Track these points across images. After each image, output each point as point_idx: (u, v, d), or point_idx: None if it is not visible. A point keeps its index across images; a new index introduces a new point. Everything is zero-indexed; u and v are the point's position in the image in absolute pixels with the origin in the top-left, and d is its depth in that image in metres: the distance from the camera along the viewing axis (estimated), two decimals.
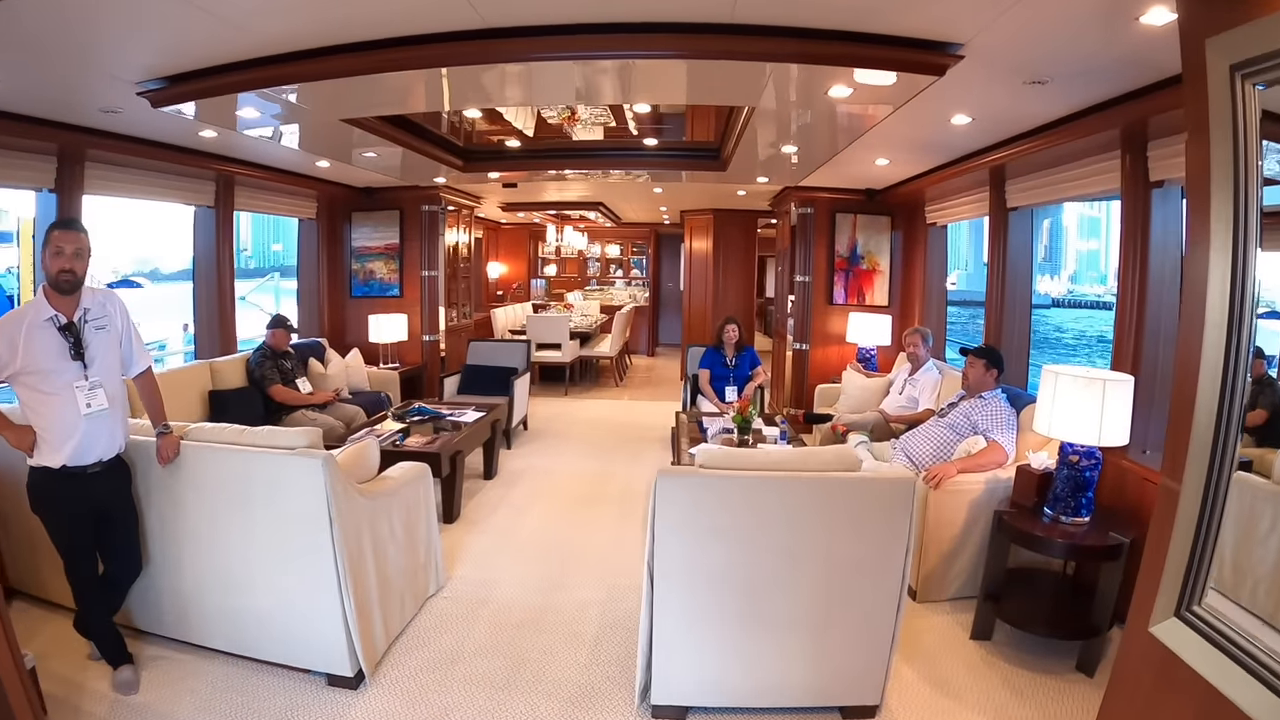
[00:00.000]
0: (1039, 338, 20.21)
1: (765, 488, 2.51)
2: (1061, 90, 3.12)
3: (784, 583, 2.56)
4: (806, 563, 2.54)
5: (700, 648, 2.64)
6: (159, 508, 3.02)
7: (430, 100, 3.89)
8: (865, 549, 2.54)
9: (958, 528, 3.57)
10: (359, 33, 2.88)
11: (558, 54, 2.81)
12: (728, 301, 10.22)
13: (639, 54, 2.81)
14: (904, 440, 4.29)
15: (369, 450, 3.41)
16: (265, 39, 2.95)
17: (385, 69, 2.99)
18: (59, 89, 3.52)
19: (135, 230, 10.42)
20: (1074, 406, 2.99)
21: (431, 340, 7.92)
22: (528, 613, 3.55)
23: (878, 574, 2.55)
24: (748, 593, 2.57)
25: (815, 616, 2.58)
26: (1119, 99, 3.12)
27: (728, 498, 2.52)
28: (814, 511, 2.52)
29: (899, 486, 2.51)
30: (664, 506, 2.52)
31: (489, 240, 13.52)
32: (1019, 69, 2.88)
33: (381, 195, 7.68)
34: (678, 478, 2.55)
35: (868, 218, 6.89)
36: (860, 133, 4.15)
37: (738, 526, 2.53)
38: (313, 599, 2.83)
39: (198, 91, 3.37)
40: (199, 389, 5.25)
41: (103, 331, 2.75)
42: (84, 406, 2.64)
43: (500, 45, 2.80)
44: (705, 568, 2.56)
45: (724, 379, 6.38)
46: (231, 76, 3.23)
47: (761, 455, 2.70)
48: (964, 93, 3.29)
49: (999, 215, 4.72)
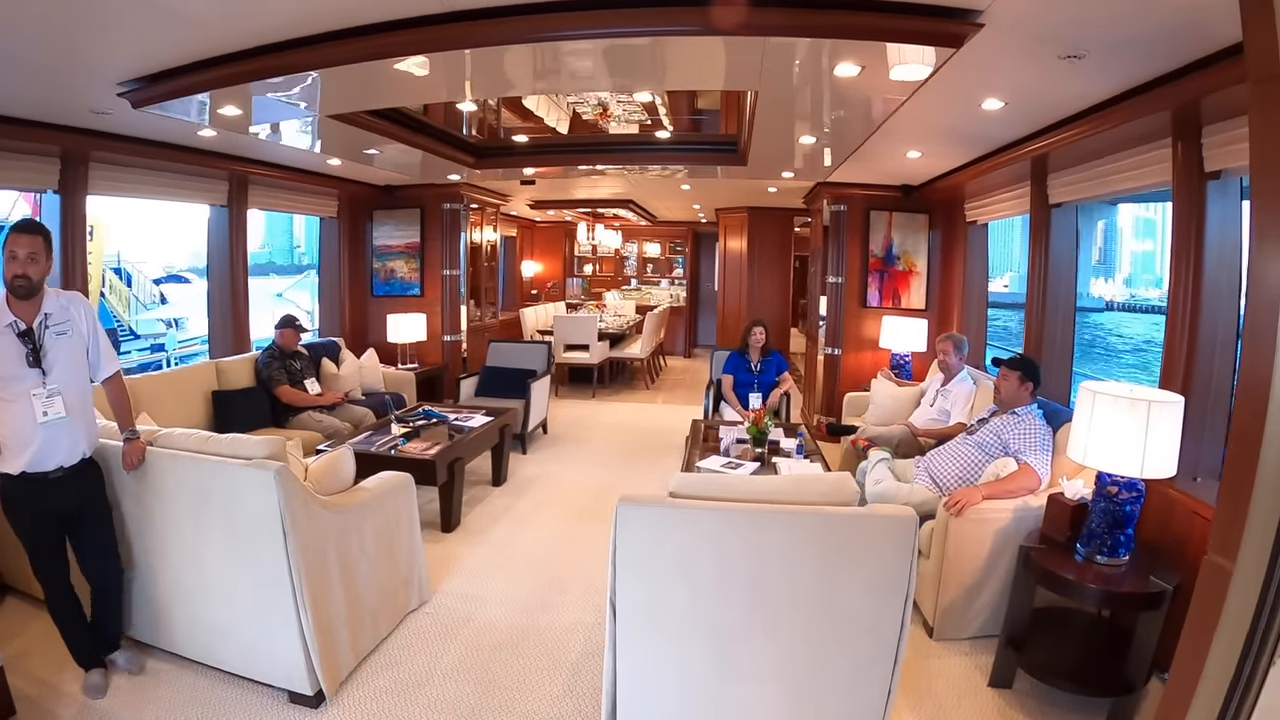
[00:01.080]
0: (1091, 345, 19.17)
1: (740, 522, 2.22)
2: (1100, 67, 2.73)
3: (760, 630, 2.26)
4: (787, 609, 2.24)
5: (666, 695, 2.36)
6: (131, 514, 2.96)
7: (403, 93, 3.73)
8: (858, 595, 2.22)
9: (981, 560, 3.20)
10: (319, 25, 2.76)
11: (523, 37, 2.56)
12: (762, 302, 9.87)
13: (616, 31, 2.53)
14: (929, 458, 3.92)
15: (342, 460, 3.26)
16: (235, 35, 2.88)
17: (341, 61, 2.83)
18: (48, 92, 3.56)
19: (188, 227, 10.73)
20: (1114, 432, 2.59)
21: (453, 340, 7.79)
22: (509, 634, 3.35)
23: (872, 622, 2.23)
24: (718, 639, 2.29)
25: (797, 668, 2.27)
26: (1167, 77, 2.71)
27: (697, 532, 2.24)
28: (798, 551, 2.22)
29: (898, 525, 2.19)
30: (625, 539, 2.26)
31: (523, 238, 13.39)
32: (1048, 40, 2.51)
33: (402, 193, 7.59)
34: (639, 508, 2.27)
35: (904, 215, 6.48)
36: (881, 120, 3.79)
37: (706, 565, 2.25)
38: (270, 614, 2.72)
39: (174, 90, 3.31)
40: (203, 390, 5.18)
41: (64, 337, 2.66)
42: (40, 415, 2.57)
43: (457, 30, 2.59)
44: (670, 609, 2.29)
45: (749, 385, 6.03)
46: (206, 74, 3.15)
47: (743, 484, 2.40)
48: (990, 71, 2.93)
49: (1041, 212, 4.30)
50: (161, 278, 14.07)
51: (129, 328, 12.96)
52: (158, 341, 12.93)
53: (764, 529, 2.21)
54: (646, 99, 6.01)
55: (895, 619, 2.22)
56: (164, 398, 4.78)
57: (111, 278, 12.65)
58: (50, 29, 2.68)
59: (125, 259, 13.38)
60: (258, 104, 3.79)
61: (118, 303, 12.79)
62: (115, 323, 12.49)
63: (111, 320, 12.37)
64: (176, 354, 12.38)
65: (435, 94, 3.78)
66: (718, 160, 5.74)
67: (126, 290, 13.17)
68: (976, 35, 2.44)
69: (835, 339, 6.78)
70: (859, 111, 3.76)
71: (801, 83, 3.25)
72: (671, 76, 3.34)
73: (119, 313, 12.78)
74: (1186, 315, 2.95)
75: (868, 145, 4.62)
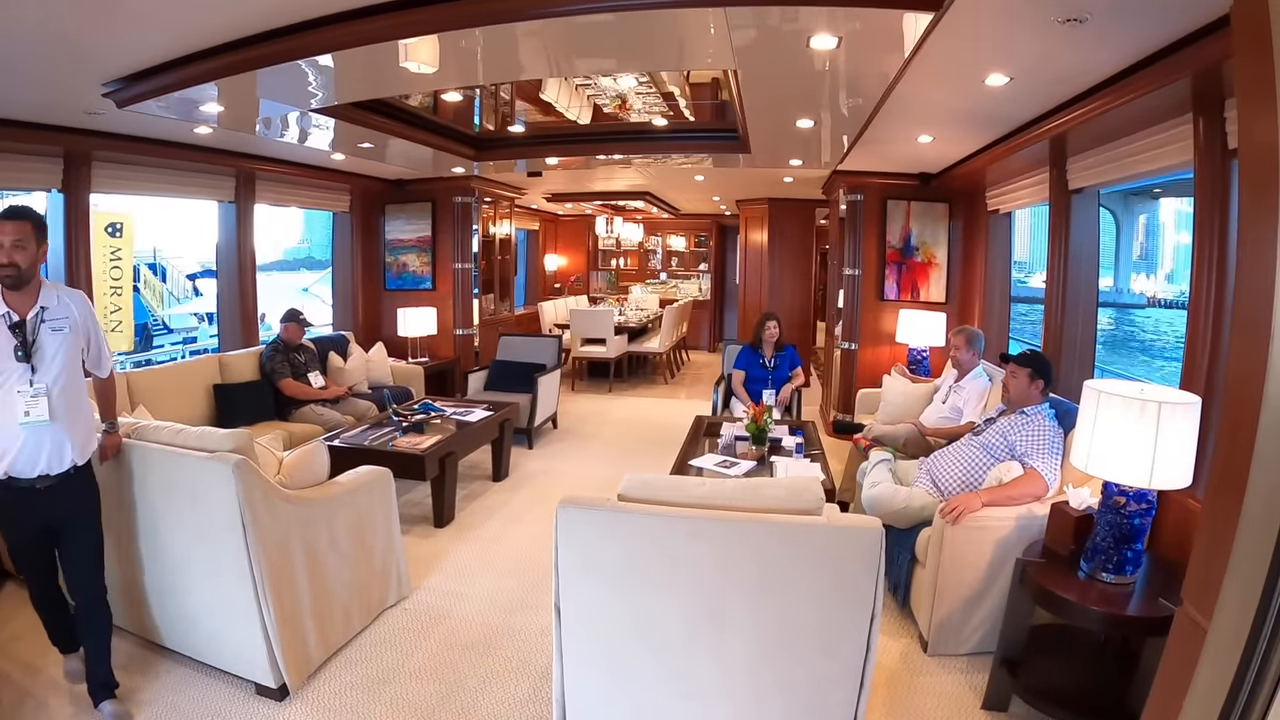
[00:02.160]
0: (1132, 343, 18.39)
1: (684, 529, 2.05)
2: (1107, 31, 2.47)
3: (708, 644, 2.09)
4: (736, 625, 2.07)
5: (614, 706, 2.21)
6: (109, 506, 2.89)
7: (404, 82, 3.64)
8: (815, 612, 2.04)
9: (980, 571, 2.97)
10: (276, 20, 2.74)
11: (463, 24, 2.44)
12: (784, 295, 9.63)
13: (573, 9, 2.37)
14: (931, 460, 3.68)
15: (316, 454, 3.21)
16: (203, 33, 2.89)
17: (293, 56, 2.78)
18: (43, 95, 3.66)
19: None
20: (1120, 435, 2.33)
21: (465, 334, 7.73)
22: (483, 633, 3.27)
23: (832, 642, 2.05)
24: (664, 653, 2.13)
25: (747, 689, 2.10)
26: (1184, 41, 2.44)
27: (640, 538, 2.08)
28: (747, 561, 2.04)
29: (860, 537, 2.00)
30: (566, 542, 2.12)
31: (546, 232, 13.29)
32: (1044, 1, 2.28)
33: (413, 187, 7.55)
34: (580, 510, 2.12)
35: (922, 205, 6.19)
36: (877, 99, 3.56)
37: (650, 573, 2.10)
38: (234, 606, 2.72)
39: (156, 89, 3.33)
40: (205, 384, 5.19)
41: (60, 333, 2.48)
42: (20, 414, 2.38)
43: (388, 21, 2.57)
44: (614, 618, 2.15)
45: (761, 380, 5.84)
46: (183, 70, 3.15)
47: (696, 488, 2.22)
48: (986, 41, 2.70)
49: (1060, 198, 4.01)
50: (195, 273, 14.34)
51: (162, 322, 13.20)
52: (190, 334, 13.15)
53: (709, 537, 2.04)
54: (666, 89, 5.86)
55: (859, 640, 2.03)
56: (165, 391, 4.81)
57: (145, 272, 12.87)
58: (41, 34, 2.75)
59: (161, 254, 13.63)
60: (235, 100, 3.80)
61: (152, 297, 13.02)
62: (149, 316, 12.71)
63: (146, 314, 12.57)
64: (208, 347, 12.58)
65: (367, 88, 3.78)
66: (721, 148, 5.53)
67: (161, 285, 13.42)
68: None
69: (851, 333, 6.53)
70: (851, 90, 3.53)
71: (778, 58, 3.04)
72: (635, 55, 3.16)
73: (153, 307, 13.00)
74: (1210, 309, 2.67)
75: (875, 129, 4.38)
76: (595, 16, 2.44)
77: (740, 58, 3.00)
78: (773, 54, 3.01)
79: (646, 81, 4.98)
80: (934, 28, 2.50)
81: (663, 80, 4.98)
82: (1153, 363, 15.94)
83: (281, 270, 19.83)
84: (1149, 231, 19.12)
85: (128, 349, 7.44)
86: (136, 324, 10.88)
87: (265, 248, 12.62)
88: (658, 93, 5.80)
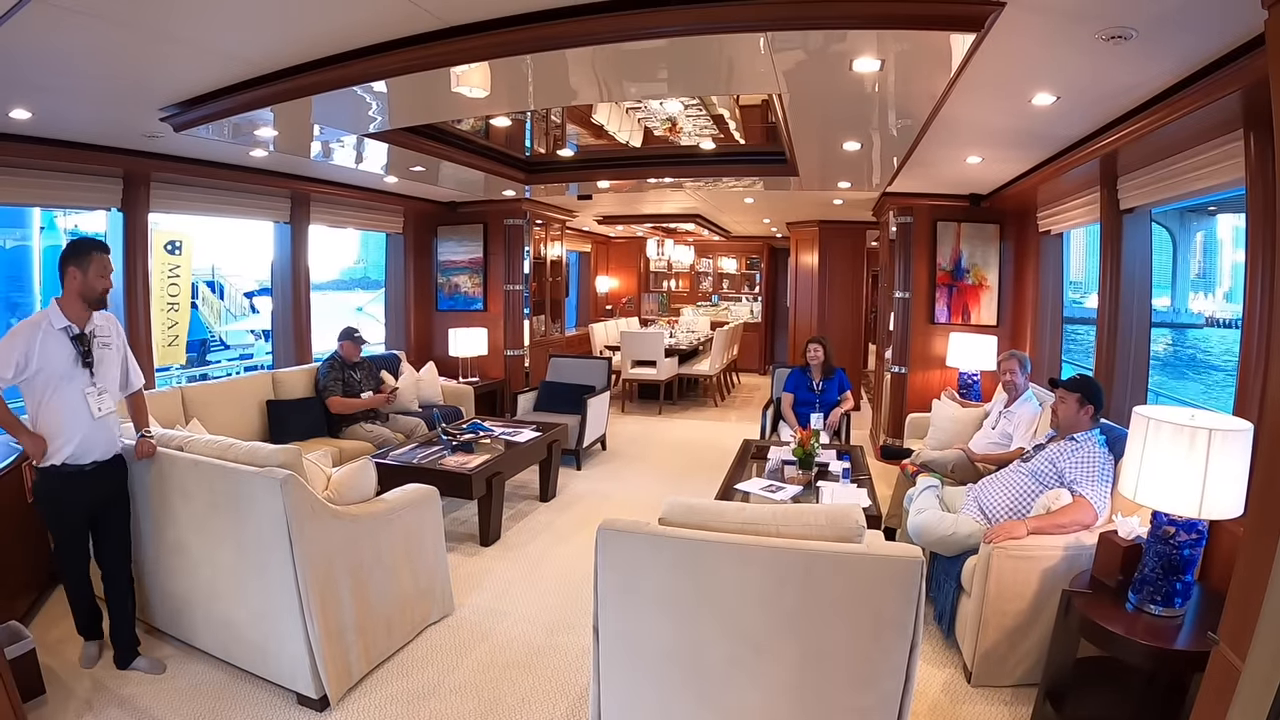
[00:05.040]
0: (1190, 364, 17.47)
1: (723, 555, 2.05)
2: (1153, 47, 2.43)
3: (746, 672, 2.08)
4: (774, 651, 2.05)
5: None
6: (154, 513, 3.13)
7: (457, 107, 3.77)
8: (855, 640, 2.01)
9: (1026, 601, 2.89)
10: (329, 48, 2.86)
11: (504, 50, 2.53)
12: (834, 318, 9.52)
13: (610, 35, 2.45)
14: (979, 487, 3.60)
15: (363, 471, 3.29)
16: (254, 62, 3.02)
17: (346, 83, 2.88)
18: (102, 118, 3.83)
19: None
20: (1168, 464, 2.26)
21: (515, 355, 7.85)
22: (524, 652, 3.29)
23: (872, 672, 2.02)
24: (702, 678, 2.12)
25: (786, 716, 2.07)
26: (1230, 56, 2.38)
27: (680, 562, 2.09)
28: (786, 588, 2.03)
29: (900, 566, 1.97)
30: (606, 564, 2.15)
31: (598, 254, 13.46)
32: (1083, 17, 2.24)
33: (466, 209, 7.73)
34: (620, 534, 2.15)
35: (973, 226, 6.08)
36: (923, 120, 3.54)
37: (688, 598, 2.09)
38: (278, 617, 2.80)
39: (212, 114, 3.47)
40: (258, 399, 5.35)
41: (107, 349, 2.97)
42: (95, 411, 2.86)
43: (440, 49, 2.66)
44: (652, 642, 2.15)
45: (810, 404, 5.80)
46: (238, 96, 3.29)
47: (736, 512, 2.21)
48: (1030, 60, 2.69)
49: (1112, 219, 3.91)
50: (252, 291, 14.79)
51: (220, 338, 13.58)
52: (246, 351, 13.50)
53: (748, 563, 2.04)
54: (715, 112, 5.92)
55: (898, 671, 2.00)
56: (219, 406, 4.96)
57: (204, 290, 13.27)
58: (103, 63, 2.92)
59: (219, 272, 14.10)
60: (291, 124, 3.94)
61: (210, 314, 13.42)
62: (207, 333, 13.11)
63: (204, 330, 12.99)
64: (263, 363, 12.97)
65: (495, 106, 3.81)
66: (769, 171, 5.53)
67: (219, 302, 13.80)
68: (1000, 16, 2.21)
69: (901, 357, 6.43)
70: (896, 113, 3.52)
71: (823, 81, 3.06)
72: (685, 80, 3.20)
73: (211, 323, 13.43)
74: (1264, 329, 2.57)
75: (923, 151, 4.34)
76: (646, 43, 2.50)
77: (785, 81, 3.02)
78: (817, 78, 3.02)
79: (696, 104, 5.04)
80: (976, 49, 2.50)
81: (712, 103, 5.03)
82: (1212, 386, 15.14)
83: (337, 289, 20.33)
84: (1206, 249, 18.26)
85: (181, 363, 7.69)
86: (194, 340, 11.35)
87: (321, 267, 12.91)
88: (708, 115, 5.86)
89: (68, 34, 2.56)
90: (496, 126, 5.45)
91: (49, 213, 10.22)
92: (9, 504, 3.35)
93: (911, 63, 2.75)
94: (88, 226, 10.48)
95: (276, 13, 2.50)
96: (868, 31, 2.36)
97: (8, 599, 3.20)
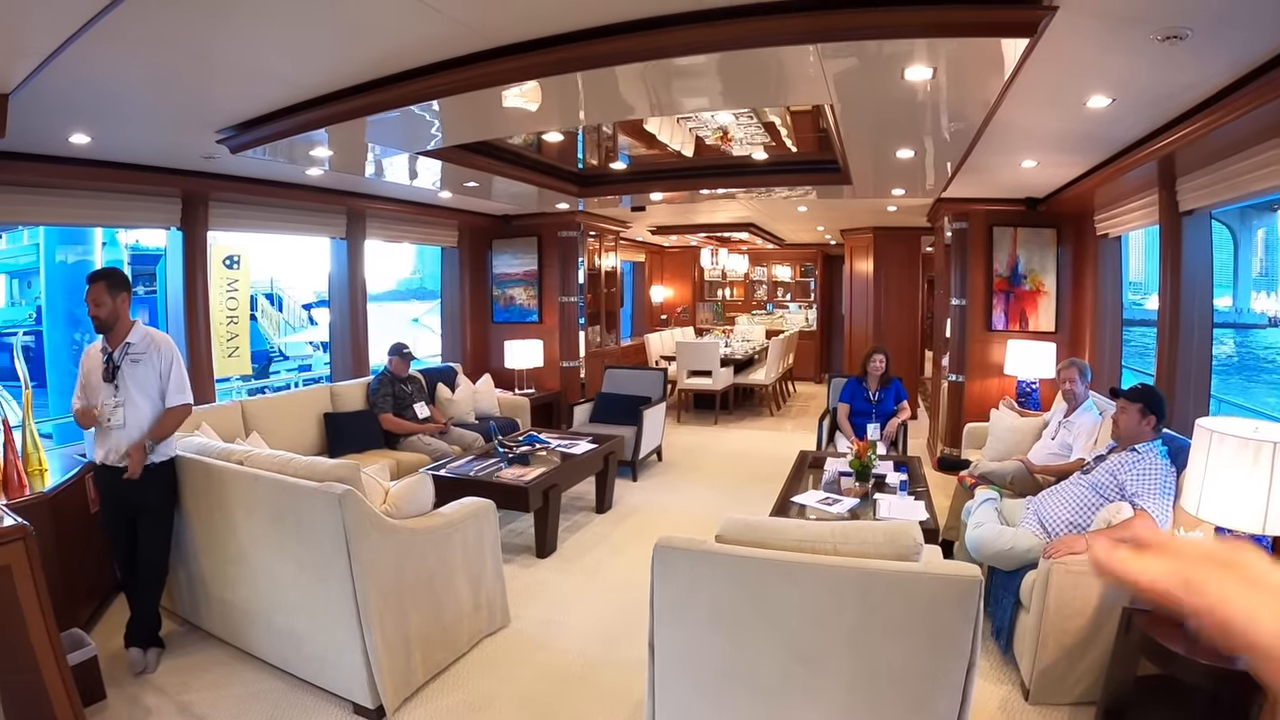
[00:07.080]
0: (1256, 368, 16.52)
1: (779, 572, 2.08)
2: (1209, 47, 2.38)
3: (801, 691, 2.09)
4: (830, 670, 2.07)
5: None
6: (216, 524, 3.27)
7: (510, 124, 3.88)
8: (911, 659, 2.02)
9: (1086, 617, 2.82)
10: (382, 69, 2.94)
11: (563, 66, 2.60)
12: (890, 325, 9.38)
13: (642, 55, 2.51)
14: (1039, 500, 3.52)
15: (421, 486, 3.36)
16: (307, 85, 3.14)
17: (400, 104, 2.97)
18: (161, 141, 3.99)
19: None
20: (1232, 478, 2.21)
21: (570, 366, 7.94)
22: (580, 664, 3.31)
23: (928, 691, 2.02)
24: (756, 697, 2.15)
25: None
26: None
27: (736, 579, 2.12)
28: (842, 607, 2.04)
29: (957, 585, 1.96)
30: (662, 580, 2.19)
31: (652, 264, 13.53)
32: (1137, 19, 2.21)
33: (519, 222, 7.86)
34: (676, 551, 2.19)
35: (1029, 231, 5.94)
36: (977, 126, 3.50)
37: (745, 616, 2.13)
38: (336, 628, 2.86)
39: (268, 136, 3.58)
40: (317, 412, 5.50)
41: (137, 365, 3.19)
42: (105, 420, 3.14)
43: (488, 69, 2.71)
44: (707, 658, 2.18)
45: (866, 414, 5.75)
46: (291, 119, 3.40)
47: (793, 530, 2.24)
48: (1084, 63, 2.65)
49: (1171, 221, 3.79)
50: (310, 303, 15.25)
51: (279, 350, 14.02)
52: (305, 362, 13.89)
53: (804, 581, 2.06)
54: (767, 119, 5.92)
55: (954, 691, 1.99)
56: (279, 419, 5.15)
57: (263, 302, 13.70)
58: (162, 88, 3.05)
59: (278, 285, 14.58)
60: (345, 145, 4.06)
61: (269, 326, 13.86)
62: (266, 345, 13.54)
63: (264, 342, 13.43)
64: (322, 375, 13.35)
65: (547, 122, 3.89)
66: (822, 180, 5.51)
67: (278, 314, 14.28)
68: (1052, 20, 2.19)
69: (959, 365, 6.31)
70: (949, 118, 3.49)
71: (874, 91, 3.06)
72: (736, 93, 3.24)
73: (270, 335, 13.89)
74: None
75: (977, 156, 4.28)
76: (695, 58, 2.55)
77: (837, 90, 3.03)
78: (869, 87, 3.02)
79: (747, 112, 5.06)
80: (1029, 54, 2.48)
81: (764, 111, 5.05)
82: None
83: (393, 300, 20.68)
84: (1268, 246, 17.33)
85: (246, 373, 7.99)
86: (256, 351, 11.81)
87: (378, 278, 13.19)
88: (759, 123, 5.87)
89: (125, 61, 2.66)
90: (549, 141, 5.55)
91: (110, 230, 10.67)
92: (73, 514, 3.49)
93: (964, 70, 2.73)
94: (148, 243, 11.02)
95: (327, 38, 2.59)
96: (919, 40, 2.37)
97: (71, 607, 3.32)
